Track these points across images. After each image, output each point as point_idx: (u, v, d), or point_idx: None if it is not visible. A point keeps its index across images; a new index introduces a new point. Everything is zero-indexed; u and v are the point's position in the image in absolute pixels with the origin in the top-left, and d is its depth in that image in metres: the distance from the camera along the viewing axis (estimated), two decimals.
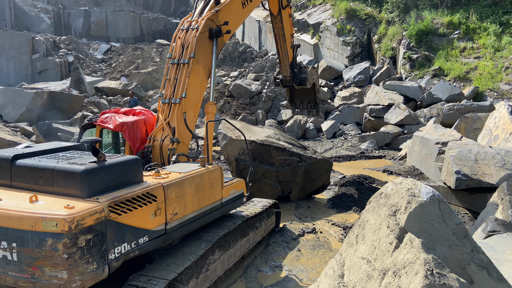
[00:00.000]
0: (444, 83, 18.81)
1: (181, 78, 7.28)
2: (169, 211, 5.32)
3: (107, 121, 7.10)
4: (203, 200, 6.07)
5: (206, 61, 7.60)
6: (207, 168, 6.31)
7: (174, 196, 5.41)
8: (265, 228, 8.20)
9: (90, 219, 4.16)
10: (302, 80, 11.68)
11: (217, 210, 6.51)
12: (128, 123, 7.00)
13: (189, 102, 7.23)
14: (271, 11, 10.68)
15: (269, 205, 8.43)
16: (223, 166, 14.43)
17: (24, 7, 38.07)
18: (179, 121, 7.09)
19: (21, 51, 31.21)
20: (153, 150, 7.08)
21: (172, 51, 7.60)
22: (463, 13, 22.04)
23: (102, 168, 4.63)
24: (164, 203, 5.23)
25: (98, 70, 31.17)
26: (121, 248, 4.56)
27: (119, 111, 7.46)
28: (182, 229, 5.63)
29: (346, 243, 4.75)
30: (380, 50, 23.85)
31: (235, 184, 7.15)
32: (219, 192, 6.54)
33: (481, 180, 9.24)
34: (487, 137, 12.66)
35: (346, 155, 16.01)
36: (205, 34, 7.51)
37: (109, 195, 4.55)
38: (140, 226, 4.84)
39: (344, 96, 21.65)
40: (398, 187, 4.14)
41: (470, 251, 3.73)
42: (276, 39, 11.23)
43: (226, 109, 22.18)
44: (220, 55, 30.02)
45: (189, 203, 5.76)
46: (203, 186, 6.07)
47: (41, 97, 18.26)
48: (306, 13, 29.79)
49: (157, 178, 5.40)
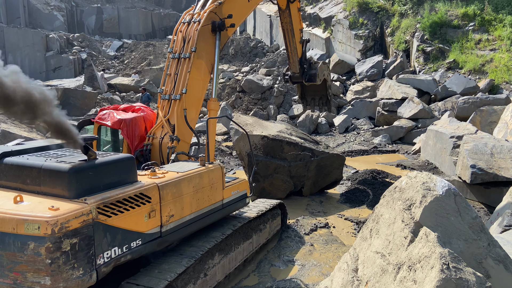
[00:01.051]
0: (459, 76, 18.51)
1: (181, 73, 7.03)
2: (165, 213, 5.05)
3: (105, 118, 6.89)
4: (202, 201, 5.79)
5: (208, 56, 7.32)
6: (207, 167, 6.03)
7: (170, 197, 5.14)
8: (270, 231, 7.90)
9: (75, 221, 3.90)
10: (312, 76, 11.34)
11: (217, 211, 6.22)
12: (126, 120, 6.77)
13: (190, 98, 6.97)
14: (279, 5, 10.41)
15: (273, 206, 8.06)
16: (235, 161, 14.46)
17: (38, 5, 38.52)
18: (179, 118, 6.84)
19: (35, 48, 31.65)
20: (152, 148, 6.85)
21: (173, 45, 7.34)
22: (478, 4, 21.60)
23: (92, 167, 4.38)
24: (159, 204, 4.95)
25: (111, 67, 31.43)
26: (111, 253, 4.29)
27: (119, 108, 7.26)
28: (179, 231, 5.35)
29: (360, 237, 4.73)
30: (393, 43, 23.54)
31: (237, 184, 6.83)
32: (219, 192, 6.23)
33: (497, 174, 9.09)
34: (503, 131, 12.44)
35: (359, 149, 15.91)
36: (207, 27, 7.24)
37: (98, 195, 4.29)
38: (133, 229, 4.57)
39: (356, 90, 21.46)
40: (413, 181, 4.10)
41: (487, 245, 3.68)
42: (284, 34, 10.92)
43: (237, 104, 22.18)
44: (232, 50, 29.99)
45: (187, 204, 5.48)
46: (203, 186, 5.78)
47: (55, 94, 18.52)
48: (317, 7, 29.54)
49: (153, 178, 5.13)
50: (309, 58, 11.58)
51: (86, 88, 23.82)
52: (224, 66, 27.88)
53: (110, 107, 7.26)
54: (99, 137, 7.04)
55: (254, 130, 10.50)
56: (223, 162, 14.47)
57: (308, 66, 11.41)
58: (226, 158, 15.08)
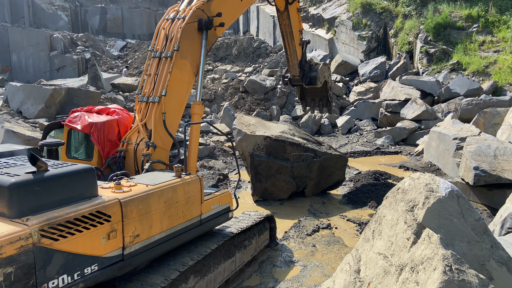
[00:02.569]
0: (462, 78, 18.47)
1: (162, 73, 6.41)
2: (128, 233, 4.45)
3: (75, 121, 6.33)
4: (175, 217, 5.17)
5: (193, 56, 6.69)
6: (183, 179, 5.38)
7: (136, 214, 4.54)
8: (256, 247, 7.27)
9: (10, 247, 3.32)
10: (312, 79, 10.85)
11: (194, 228, 5.60)
12: (97, 123, 6.20)
13: (170, 101, 6.32)
14: (277, 6, 9.94)
15: (260, 220, 7.41)
16: (238, 162, 14.48)
17: (42, 5, 38.68)
18: (158, 122, 6.20)
19: (39, 48, 31.80)
20: (127, 155, 6.23)
21: (154, 43, 6.74)
22: (482, 6, 21.54)
23: (40, 180, 3.73)
24: (121, 223, 4.35)
25: (114, 67, 31.53)
26: (58, 282, 3.70)
27: (93, 110, 6.71)
28: (146, 253, 4.75)
29: (362, 238, 4.73)
30: (396, 44, 23.51)
31: (218, 197, 6.20)
32: (197, 207, 5.62)
33: (500, 176, 9.07)
34: (506, 132, 12.40)
35: (362, 150, 15.88)
36: (193, 25, 6.65)
37: (43, 215, 3.66)
38: (87, 253, 3.99)
39: (359, 91, 21.44)
40: (415, 182, 4.09)
41: (490, 247, 3.67)
42: (283, 36, 10.43)
43: (240, 104, 22.19)
44: (235, 50, 30.01)
45: (157, 221, 4.86)
46: (177, 201, 5.17)
47: (59, 94, 18.57)
48: (321, 8, 29.54)
49: (116, 192, 4.52)
50: (309, 60, 11.18)
51: (90, 88, 23.90)
52: (227, 66, 27.90)
53: (84, 109, 6.74)
54: (70, 142, 6.49)
55: (257, 131, 10.51)
56: (225, 163, 14.49)
57: (308, 68, 11.00)
58: (229, 159, 15.10)
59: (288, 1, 9.87)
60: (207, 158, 14.59)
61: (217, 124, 20.00)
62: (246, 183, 12.03)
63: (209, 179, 12.18)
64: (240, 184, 11.15)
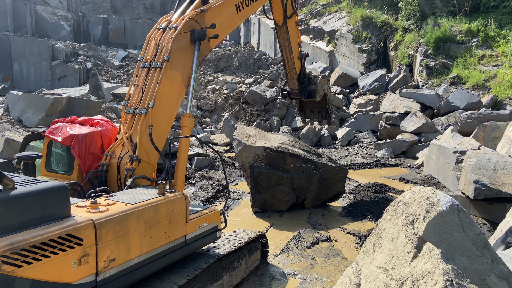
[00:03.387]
0: (462, 91, 18.55)
1: (150, 84, 6.11)
2: (102, 257, 4.11)
3: (56, 133, 6.00)
4: (157, 239, 4.81)
5: (185, 67, 6.39)
6: (167, 197, 5.03)
7: (112, 236, 4.19)
8: (246, 268, 6.88)
9: None
10: (311, 92, 10.79)
11: (178, 250, 5.22)
12: (79, 135, 5.86)
13: (158, 113, 6.00)
14: (275, 20, 9.94)
15: (251, 239, 7.01)
16: (238, 172, 14.46)
17: (45, 14, 39.02)
18: (143, 135, 5.85)
19: (41, 57, 31.97)
20: (110, 169, 5.87)
21: (144, 53, 6.45)
22: (482, 20, 21.73)
23: (4, 200, 3.42)
24: (95, 246, 4.02)
25: (116, 77, 31.67)
26: None
27: (76, 121, 6.38)
28: (122, 278, 4.38)
29: (362, 251, 4.70)
30: (396, 57, 23.66)
31: (205, 216, 5.81)
32: (182, 227, 5.25)
33: (500, 190, 9.05)
34: (506, 146, 12.41)
35: (362, 162, 15.88)
36: (185, 35, 6.38)
37: (5, 239, 3.34)
38: (55, 280, 3.63)
39: (359, 104, 21.52)
40: (416, 195, 4.09)
41: (491, 261, 3.65)
42: (281, 50, 10.40)
43: (241, 115, 22.25)
44: (236, 61, 30.17)
45: (136, 244, 4.50)
46: (158, 221, 4.82)
47: (60, 103, 18.63)
48: (321, 21, 29.78)
49: (91, 212, 4.20)
50: (308, 73, 11.12)
51: (91, 97, 23.97)
52: (228, 77, 28.04)
53: (67, 119, 6.39)
54: (50, 155, 6.15)
55: (257, 142, 10.52)
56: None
57: (307, 81, 10.90)
58: (229, 169, 15.08)
59: (287, 16, 9.82)
60: (207, 169, 14.58)
61: (217, 134, 20.03)
62: (245, 194, 12.00)
63: (209, 189, 12.15)
64: (228, 205, 11.08)
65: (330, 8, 30.67)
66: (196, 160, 14.95)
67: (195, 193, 12.03)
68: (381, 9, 26.67)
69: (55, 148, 6.17)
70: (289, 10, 9.89)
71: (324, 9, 31.05)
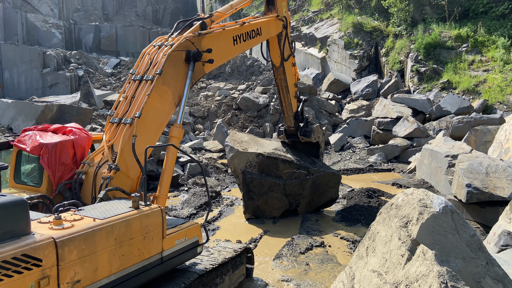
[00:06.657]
0: (453, 96, 18.70)
1: (139, 95, 5.89)
2: (65, 279, 3.75)
3: (25, 141, 5.63)
4: (129, 256, 4.46)
5: (176, 86, 6.22)
6: (140, 211, 4.64)
7: (76, 255, 3.84)
8: (230, 284, 6.51)
9: None
10: (308, 132, 10.86)
11: (154, 267, 4.86)
12: (48, 145, 5.43)
13: (143, 124, 5.72)
14: (272, 62, 10.08)
15: (236, 254, 6.64)
16: (230, 179, 14.38)
17: (36, 22, 38.83)
18: (126, 145, 5.52)
19: (32, 65, 31.76)
20: (86, 179, 5.47)
21: (137, 67, 6.31)
22: (471, 26, 22.00)
23: None
24: (56, 267, 3.67)
25: (108, 84, 31.52)
26: None
27: (48, 128, 5.97)
28: None
29: (356, 255, 4.65)
30: (387, 63, 23.84)
31: (184, 230, 5.41)
32: (158, 243, 4.88)
33: (492, 194, 9.08)
34: (497, 150, 12.49)
35: (355, 168, 15.88)
36: (180, 54, 6.29)
37: None
38: None
39: (352, 109, 21.60)
40: (409, 197, 4.05)
41: (485, 263, 3.62)
42: (278, 90, 10.51)
43: (233, 122, 22.21)
44: (228, 68, 30.19)
45: (104, 263, 4.15)
46: (131, 237, 4.46)
47: (50, 110, 18.46)
48: (313, 27, 29.96)
49: (53, 229, 3.83)
50: (306, 117, 11.10)
51: (82, 105, 23.80)
52: (220, 83, 28.03)
53: (38, 127, 6.01)
54: (19, 165, 5.80)
55: (249, 148, 10.46)
56: (218, 180, 14.38)
57: (304, 124, 10.94)
58: (222, 176, 14.99)
59: (284, 58, 9.92)
60: (199, 175, 14.48)
61: (210, 141, 19.94)
62: (238, 200, 11.91)
63: (202, 196, 12.05)
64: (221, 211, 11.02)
65: (321, 15, 30.89)
66: (189, 167, 14.85)
67: (188, 200, 11.93)
68: (372, 15, 26.90)
69: (24, 158, 5.80)
70: (286, 52, 9.99)
71: (316, 16, 31.26)
